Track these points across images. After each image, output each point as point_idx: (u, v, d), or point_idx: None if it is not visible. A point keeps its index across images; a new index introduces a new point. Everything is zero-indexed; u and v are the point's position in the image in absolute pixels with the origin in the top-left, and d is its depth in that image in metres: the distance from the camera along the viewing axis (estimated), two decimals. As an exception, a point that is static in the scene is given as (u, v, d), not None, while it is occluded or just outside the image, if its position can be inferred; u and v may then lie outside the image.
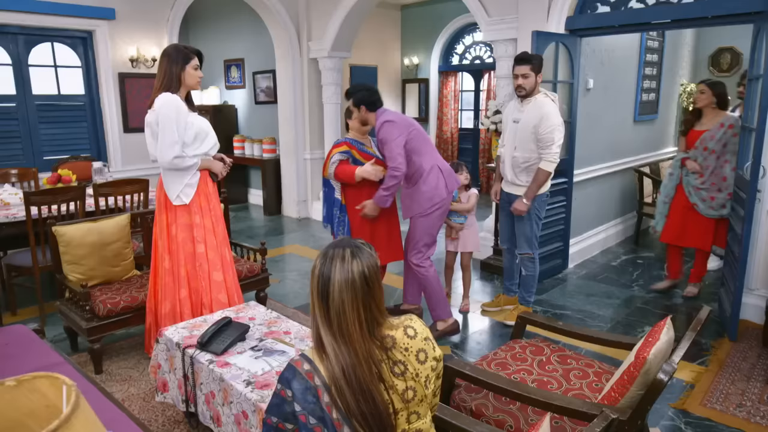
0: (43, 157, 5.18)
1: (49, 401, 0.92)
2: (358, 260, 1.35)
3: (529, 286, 3.75)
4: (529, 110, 3.42)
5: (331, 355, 1.32)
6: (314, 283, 1.36)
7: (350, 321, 1.32)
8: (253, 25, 7.30)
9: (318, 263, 1.37)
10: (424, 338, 1.44)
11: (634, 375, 1.76)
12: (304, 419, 1.29)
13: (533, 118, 3.37)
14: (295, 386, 1.31)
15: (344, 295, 1.32)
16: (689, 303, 4.12)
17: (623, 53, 5.41)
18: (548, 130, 3.31)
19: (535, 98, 3.43)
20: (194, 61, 2.94)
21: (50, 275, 3.75)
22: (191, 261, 3.00)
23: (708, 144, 3.88)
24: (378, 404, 1.32)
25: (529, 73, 3.37)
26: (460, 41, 8.80)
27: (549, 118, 3.31)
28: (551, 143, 3.33)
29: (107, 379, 3.04)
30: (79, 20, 5.10)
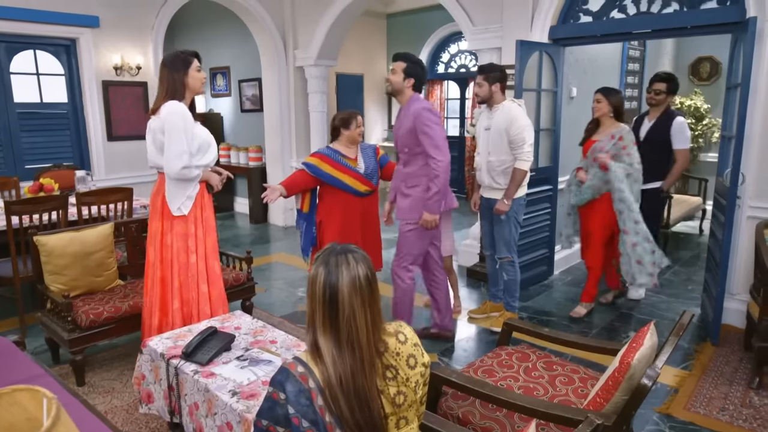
0: (24, 165, 5.11)
1: (30, 414, 0.90)
2: (361, 264, 1.36)
3: (512, 291, 3.75)
4: (497, 117, 3.54)
5: (328, 361, 1.31)
6: (318, 292, 1.33)
7: (360, 326, 1.33)
8: (238, 33, 7.30)
9: (321, 271, 1.35)
10: (413, 344, 1.46)
11: (618, 380, 1.78)
12: (297, 422, 1.29)
13: (503, 122, 3.49)
14: (288, 388, 1.30)
15: (354, 300, 1.32)
16: (674, 308, 4.17)
17: (606, 62, 5.50)
18: (518, 131, 3.43)
19: (502, 105, 3.56)
20: (195, 63, 2.88)
21: (31, 286, 3.69)
22: (184, 272, 2.94)
23: (597, 155, 3.80)
24: (373, 411, 1.32)
25: (482, 83, 3.55)
26: (445, 50, 8.88)
27: (517, 120, 3.45)
28: (522, 143, 3.43)
29: (90, 391, 2.99)
30: (62, 28, 5.05)
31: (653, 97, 4.10)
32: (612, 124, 3.83)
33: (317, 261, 1.38)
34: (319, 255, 1.39)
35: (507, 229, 3.62)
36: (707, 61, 7.22)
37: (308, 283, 1.38)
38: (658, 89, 4.08)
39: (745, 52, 3.21)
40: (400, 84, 3.25)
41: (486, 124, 3.64)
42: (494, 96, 3.57)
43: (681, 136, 4.04)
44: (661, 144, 4.08)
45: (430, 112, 3.20)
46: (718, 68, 7.12)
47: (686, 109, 7.09)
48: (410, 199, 3.31)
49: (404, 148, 3.28)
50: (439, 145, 3.16)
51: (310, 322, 1.38)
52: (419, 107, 3.19)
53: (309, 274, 1.38)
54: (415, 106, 3.20)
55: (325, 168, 3.50)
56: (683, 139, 4.05)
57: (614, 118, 3.83)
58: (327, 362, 1.31)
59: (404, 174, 3.34)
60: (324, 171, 3.50)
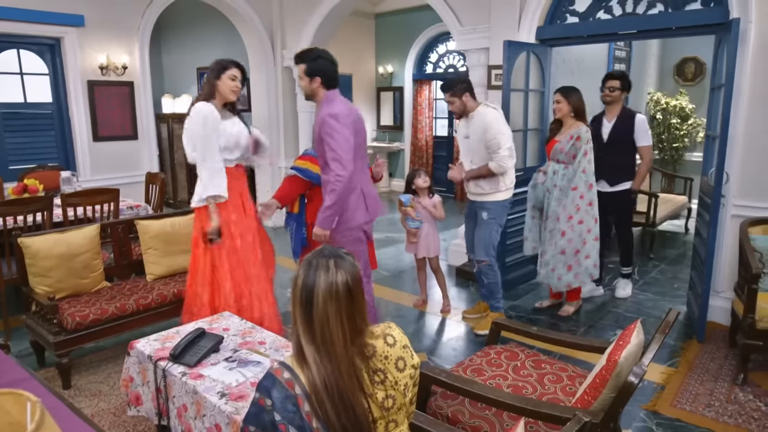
0: (8, 166, 5.04)
1: (13, 419, 0.89)
2: (342, 270, 1.33)
3: (494, 293, 3.75)
4: (474, 124, 3.58)
5: (312, 366, 1.30)
6: (297, 293, 1.33)
7: (334, 331, 1.30)
8: (226, 33, 7.26)
9: (301, 273, 1.34)
10: (402, 346, 1.45)
11: (606, 378, 1.79)
12: (283, 428, 1.28)
13: (479, 129, 3.53)
14: (274, 395, 1.29)
15: (328, 306, 1.30)
16: (660, 306, 4.21)
17: (592, 62, 5.55)
18: (492, 136, 3.45)
19: (477, 111, 3.57)
20: (231, 71, 3.02)
21: (16, 288, 3.64)
22: (233, 255, 3.06)
23: (558, 156, 3.79)
24: (359, 416, 1.31)
25: (452, 99, 3.57)
26: (434, 50, 8.89)
27: (492, 125, 3.47)
28: (498, 147, 3.45)
29: (76, 394, 2.96)
30: (47, 27, 4.99)
31: (608, 94, 4.13)
32: (573, 124, 3.77)
33: (302, 265, 1.37)
34: (306, 258, 1.38)
35: (487, 231, 3.62)
36: (692, 61, 7.31)
37: (292, 283, 1.37)
38: (612, 86, 4.11)
39: (729, 53, 3.25)
40: (308, 88, 2.97)
41: (465, 132, 3.67)
42: (467, 105, 3.59)
43: (644, 133, 4.11)
44: (625, 144, 4.12)
45: (335, 118, 2.84)
46: (702, 69, 7.21)
47: (671, 109, 7.17)
48: None
49: (320, 155, 3.01)
50: (339, 157, 2.83)
51: (293, 324, 1.37)
52: (324, 113, 2.89)
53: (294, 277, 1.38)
54: (322, 112, 2.90)
55: (316, 170, 3.48)
56: (646, 136, 4.13)
57: (575, 117, 3.78)
58: (312, 367, 1.30)
59: (324, 182, 3.02)
60: (316, 173, 3.47)
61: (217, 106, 2.99)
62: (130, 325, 3.24)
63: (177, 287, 3.46)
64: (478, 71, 4.81)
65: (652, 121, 7.34)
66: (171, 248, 3.59)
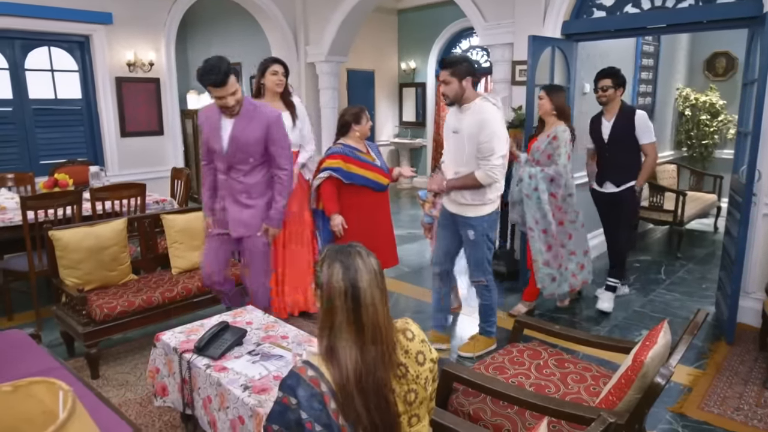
0: (39, 161, 5.17)
1: (46, 407, 0.91)
2: (372, 256, 1.38)
3: (488, 316, 3.33)
4: (468, 118, 2.97)
5: (348, 362, 1.30)
6: (338, 292, 1.32)
7: (380, 317, 1.34)
8: (250, 29, 7.32)
9: (338, 272, 1.33)
10: (421, 340, 1.46)
11: (631, 379, 1.76)
12: (310, 426, 1.27)
13: (473, 126, 2.93)
14: (300, 393, 1.28)
15: (374, 293, 1.34)
16: (687, 306, 4.12)
17: (619, 57, 5.44)
18: (487, 138, 2.88)
19: (474, 103, 2.97)
20: (272, 68, 3.52)
21: (46, 280, 3.74)
22: None
23: (535, 155, 3.70)
24: (390, 407, 1.32)
25: (449, 79, 2.94)
26: (456, 46, 8.83)
27: (489, 124, 2.88)
28: (491, 153, 2.89)
29: (104, 384, 3.03)
30: (76, 25, 5.10)
31: (601, 95, 3.90)
32: (553, 123, 3.66)
33: (326, 263, 1.36)
34: (325, 258, 1.37)
35: (479, 249, 3.16)
36: (723, 56, 7.12)
37: (323, 285, 1.35)
38: (604, 85, 3.87)
39: (762, 47, 3.16)
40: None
41: (454, 125, 3.08)
42: (466, 93, 2.97)
43: (646, 129, 3.90)
44: (627, 143, 3.91)
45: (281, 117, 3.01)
46: (734, 63, 7.02)
47: (701, 105, 7.00)
48: (253, 210, 3.02)
49: (249, 158, 2.93)
50: (289, 155, 3.04)
51: (324, 325, 1.35)
52: (276, 114, 2.96)
53: (322, 275, 1.36)
54: (268, 113, 2.94)
55: (352, 169, 3.48)
56: (649, 133, 3.91)
57: (557, 116, 3.65)
58: (344, 363, 1.30)
59: (244, 185, 2.97)
60: (353, 173, 3.48)
61: (266, 101, 3.47)
62: (155, 318, 3.30)
63: (201, 281, 3.50)
64: (502, 67, 4.76)
65: (680, 117, 7.18)
66: (195, 242, 3.64)
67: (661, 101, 6.58)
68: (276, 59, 3.61)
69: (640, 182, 3.97)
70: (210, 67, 2.71)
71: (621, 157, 3.93)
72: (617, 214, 4.03)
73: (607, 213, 4.11)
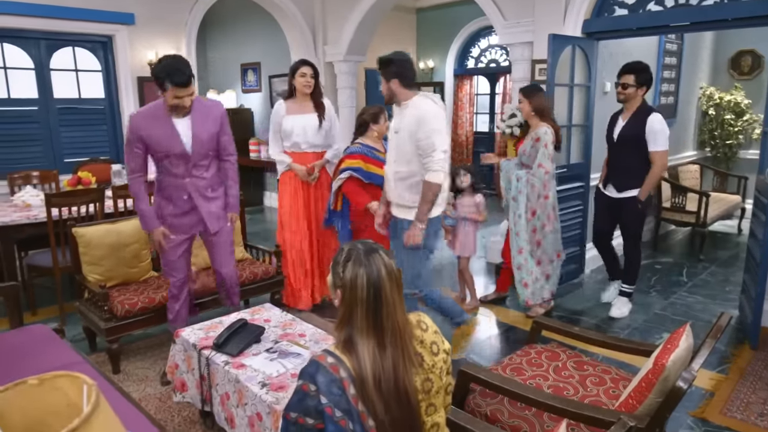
0: (63, 159, 5.27)
1: (70, 400, 0.93)
2: (388, 254, 1.41)
3: (449, 311, 3.18)
4: (406, 116, 2.86)
5: (366, 360, 1.31)
6: (362, 293, 1.33)
7: (399, 317, 1.37)
8: (269, 29, 7.36)
9: (361, 272, 1.34)
10: (434, 331, 1.49)
11: (652, 382, 1.74)
12: (330, 412, 1.29)
13: (411, 123, 2.82)
14: (319, 379, 1.30)
15: (394, 293, 1.37)
16: (710, 309, 4.05)
17: (641, 56, 5.35)
18: (426, 135, 2.76)
19: (411, 101, 2.87)
20: (301, 69, 3.75)
21: (70, 276, 3.81)
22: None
23: (522, 158, 3.72)
24: (412, 407, 1.33)
25: (382, 79, 2.92)
26: (475, 44, 8.78)
27: (426, 121, 2.77)
28: (432, 149, 2.76)
29: (124, 378, 3.08)
30: (99, 25, 5.18)
31: (621, 92, 3.64)
32: (536, 124, 3.65)
33: (348, 262, 1.37)
34: (347, 256, 1.38)
35: (413, 257, 2.95)
36: (749, 54, 6.96)
37: (345, 284, 1.36)
38: (625, 82, 3.60)
39: (791, 45, 3.08)
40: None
41: (395, 125, 2.96)
42: (396, 94, 2.88)
43: (658, 135, 3.54)
44: (635, 146, 3.61)
45: None
46: (760, 62, 6.86)
47: (725, 104, 6.86)
48: (219, 201, 3.04)
49: (209, 153, 2.94)
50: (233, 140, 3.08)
51: (344, 322, 1.37)
52: (221, 104, 3.04)
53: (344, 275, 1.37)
54: (216, 106, 2.99)
55: (371, 169, 3.49)
56: (660, 139, 3.54)
57: (538, 117, 3.65)
58: (363, 360, 1.32)
59: (207, 180, 2.97)
60: (373, 173, 3.49)
61: (298, 101, 3.83)
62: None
63: (220, 278, 3.54)
64: (522, 66, 4.72)
65: (704, 117, 7.05)
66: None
67: (684, 100, 6.47)
68: (305, 61, 3.81)
69: (643, 193, 3.66)
70: (176, 67, 2.65)
71: (626, 161, 3.69)
72: (613, 220, 3.85)
73: (604, 216, 3.93)
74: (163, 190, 2.96)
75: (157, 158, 2.89)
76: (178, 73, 2.63)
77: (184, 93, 2.71)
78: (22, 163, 4.97)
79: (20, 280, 4.04)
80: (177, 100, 2.72)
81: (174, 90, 2.67)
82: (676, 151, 6.49)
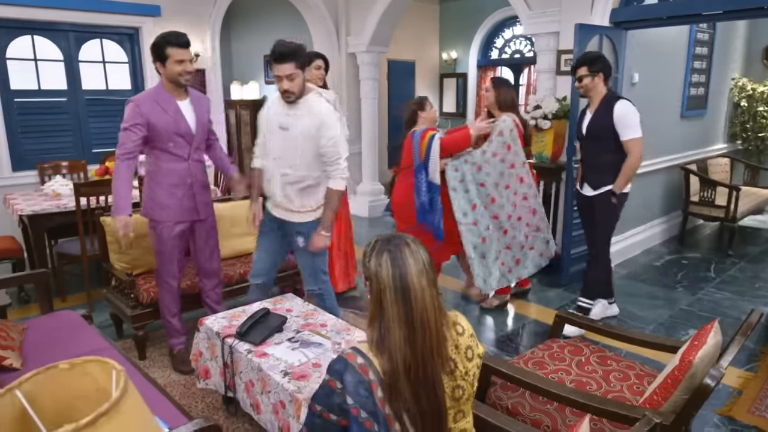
0: (91, 149, 5.37)
1: (100, 385, 0.95)
2: (422, 247, 1.38)
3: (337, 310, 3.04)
4: (302, 116, 2.66)
5: (397, 352, 1.30)
6: (388, 283, 1.32)
7: (430, 311, 1.33)
8: (292, 20, 7.38)
9: (386, 264, 1.33)
10: (470, 335, 1.45)
11: (678, 379, 1.71)
12: (355, 412, 1.28)
13: (310, 126, 2.64)
14: (347, 379, 1.29)
15: (423, 286, 1.33)
16: (739, 306, 3.96)
17: (671, 46, 5.22)
18: (331, 143, 2.64)
19: (306, 99, 2.67)
20: (316, 62, 3.70)
21: (97, 263, 3.89)
22: None
23: None
24: (439, 398, 1.32)
25: (295, 72, 2.57)
26: (499, 35, 8.67)
27: (329, 127, 2.64)
28: (338, 157, 2.67)
29: (150, 365, 3.14)
30: (126, 17, 5.25)
31: (578, 85, 3.44)
32: (499, 116, 3.71)
33: (374, 254, 1.36)
34: (374, 249, 1.37)
35: (309, 257, 2.87)
36: (784, 44, 6.73)
37: (372, 277, 1.35)
38: (579, 75, 3.38)
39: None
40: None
41: (282, 121, 2.71)
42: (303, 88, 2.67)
43: (628, 122, 3.27)
44: (605, 138, 3.35)
45: None
46: (796, 51, 6.63)
47: (758, 95, 6.65)
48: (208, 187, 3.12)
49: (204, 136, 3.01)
50: None
51: (373, 316, 1.36)
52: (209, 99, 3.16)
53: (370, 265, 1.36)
54: (205, 96, 3.09)
55: None
56: (630, 127, 3.27)
57: (501, 110, 3.71)
58: (394, 354, 1.30)
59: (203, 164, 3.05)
60: None
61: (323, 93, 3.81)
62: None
63: (242, 268, 3.58)
64: (547, 56, 4.65)
65: (735, 108, 6.85)
66: (235, 230, 3.72)
67: (715, 91, 6.29)
68: (319, 54, 3.80)
69: (618, 185, 3.37)
70: (172, 32, 2.73)
71: (599, 156, 3.43)
72: (592, 221, 3.54)
73: (583, 218, 3.70)
74: (164, 176, 2.89)
75: (160, 142, 2.84)
76: (176, 34, 2.70)
77: (186, 56, 2.74)
78: (52, 153, 5.08)
79: (50, 268, 4.15)
80: (180, 66, 2.74)
81: (175, 53, 2.69)
82: (706, 144, 6.33)
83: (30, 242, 4.02)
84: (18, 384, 0.90)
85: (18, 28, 4.80)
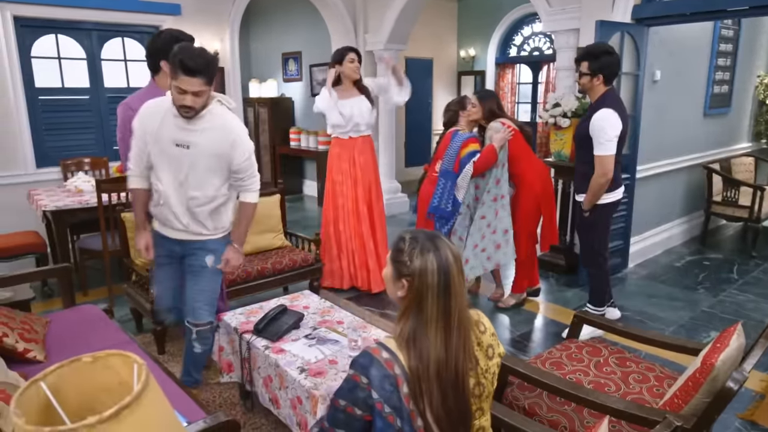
0: (113, 146, 5.45)
1: (122, 378, 0.97)
2: (453, 243, 1.40)
3: (199, 363, 2.64)
4: (206, 131, 2.28)
5: (429, 350, 1.29)
6: (432, 279, 1.30)
7: (462, 304, 1.34)
8: (310, 18, 7.39)
9: (432, 261, 1.31)
10: (491, 334, 1.45)
11: (699, 382, 1.68)
12: (380, 407, 1.28)
13: (219, 142, 2.30)
14: (372, 373, 1.29)
15: (461, 281, 1.35)
16: (762, 309, 3.88)
17: (694, 43, 5.13)
18: (245, 157, 2.37)
19: (209, 111, 2.29)
20: (349, 55, 3.82)
21: (118, 259, 3.95)
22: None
23: None
24: (467, 396, 1.32)
25: (203, 90, 2.18)
26: (518, 32, 8.59)
27: (243, 141, 2.36)
28: (254, 171, 2.46)
29: (169, 359, 3.18)
30: (147, 16, 5.32)
31: (577, 80, 3.26)
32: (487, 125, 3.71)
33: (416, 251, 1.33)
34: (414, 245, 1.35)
35: (214, 281, 2.52)
36: (812, 40, 6.56)
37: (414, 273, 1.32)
38: (580, 70, 3.16)
39: None
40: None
41: (181, 137, 2.28)
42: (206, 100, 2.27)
43: (599, 135, 3.04)
44: (584, 147, 3.18)
45: None
46: (824, 48, 6.46)
47: (784, 94, 6.50)
48: None
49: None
50: None
51: (407, 312, 1.34)
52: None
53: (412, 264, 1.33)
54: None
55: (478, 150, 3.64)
56: (599, 140, 3.04)
57: (486, 120, 3.68)
58: (425, 350, 1.29)
59: None
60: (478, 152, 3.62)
61: (346, 86, 3.91)
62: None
63: (260, 264, 3.61)
64: (567, 54, 4.59)
65: (761, 107, 6.69)
66: (255, 227, 3.74)
67: (740, 89, 6.16)
68: (352, 48, 3.92)
69: (585, 201, 3.23)
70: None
71: (578, 162, 3.32)
72: None
73: None
74: None
75: None
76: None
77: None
78: (75, 150, 5.16)
79: (73, 263, 4.23)
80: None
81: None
82: (729, 143, 6.21)
83: (53, 237, 4.10)
84: (43, 376, 0.92)
85: (42, 27, 4.89)
